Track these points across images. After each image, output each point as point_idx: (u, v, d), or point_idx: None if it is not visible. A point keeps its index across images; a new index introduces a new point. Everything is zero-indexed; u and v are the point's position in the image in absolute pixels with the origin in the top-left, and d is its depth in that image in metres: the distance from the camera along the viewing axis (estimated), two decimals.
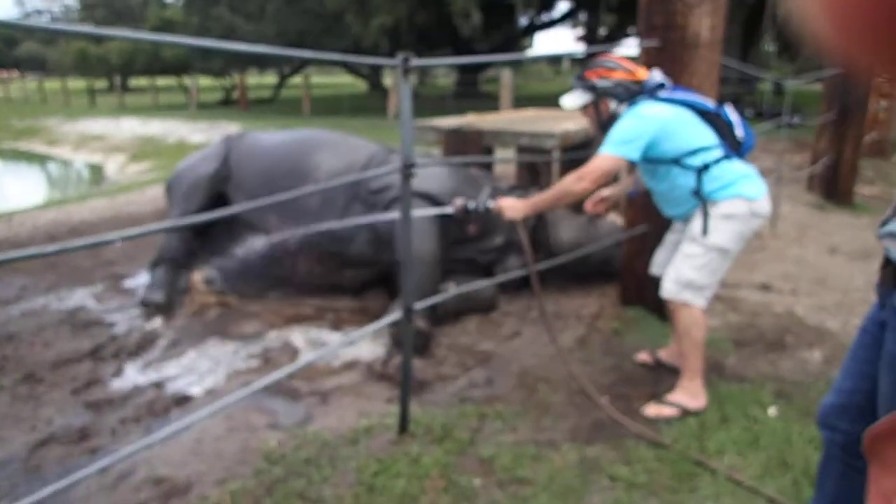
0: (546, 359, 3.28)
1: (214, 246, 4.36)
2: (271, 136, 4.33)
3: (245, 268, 4.15)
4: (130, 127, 19.02)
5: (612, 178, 2.81)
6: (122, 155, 16.36)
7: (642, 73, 2.71)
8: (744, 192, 2.57)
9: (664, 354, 3.21)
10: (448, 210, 2.82)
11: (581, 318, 3.80)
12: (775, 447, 2.44)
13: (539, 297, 2.88)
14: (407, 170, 2.08)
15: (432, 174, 3.83)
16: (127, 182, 12.11)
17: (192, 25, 22.49)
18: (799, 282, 4.47)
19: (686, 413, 2.69)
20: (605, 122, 2.78)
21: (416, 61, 2.00)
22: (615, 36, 25.29)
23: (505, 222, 2.85)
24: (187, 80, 27.01)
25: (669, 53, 3.36)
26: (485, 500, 2.20)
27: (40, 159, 17.78)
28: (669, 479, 2.29)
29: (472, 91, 22.65)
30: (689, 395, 2.73)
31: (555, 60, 50.36)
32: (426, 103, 18.24)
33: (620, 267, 4.03)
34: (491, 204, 2.80)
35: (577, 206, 4.58)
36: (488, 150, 5.29)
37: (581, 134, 5.14)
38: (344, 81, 40.95)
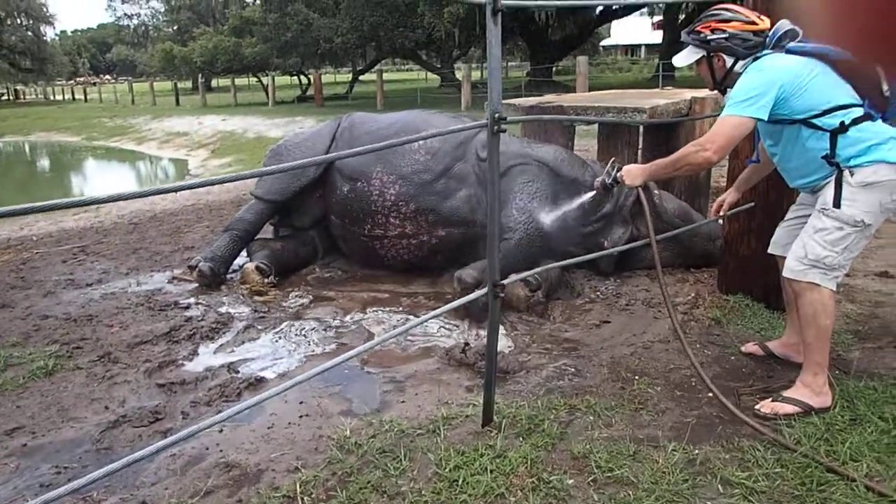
0: (640, 348, 2.99)
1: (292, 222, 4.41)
2: (380, 116, 4.45)
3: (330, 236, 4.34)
4: (212, 124, 19.65)
5: (736, 145, 2.51)
6: (204, 150, 16.90)
7: (765, 23, 2.37)
8: (887, 156, 2.20)
9: (776, 346, 2.86)
10: (591, 194, 2.70)
11: (676, 306, 3.47)
12: None
13: (658, 268, 2.60)
14: (497, 123, 1.85)
15: (543, 145, 4.06)
16: (209, 175, 12.46)
17: (269, 23, 22.99)
18: None
19: (809, 412, 2.35)
20: (720, 80, 2.49)
21: (505, 3, 1.77)
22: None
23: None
24: (265, 79, 27.71)
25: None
26: (580, 502, 1.95)
27: (130, 155, 18.63)
28: (796, 487, 1.98)
29: (545, 82, 22.10)
30: (813, 391, 2.38)
31: (631, 51, 48.97)
32: None
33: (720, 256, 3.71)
34: (616, 174, 2.61)
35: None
36: (570, 129, 5.00)
37: (670, 109, 4.78)
38: (416, 77, 41.09)
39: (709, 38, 2.42)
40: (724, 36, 2.39)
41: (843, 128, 2.24)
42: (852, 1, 0.40)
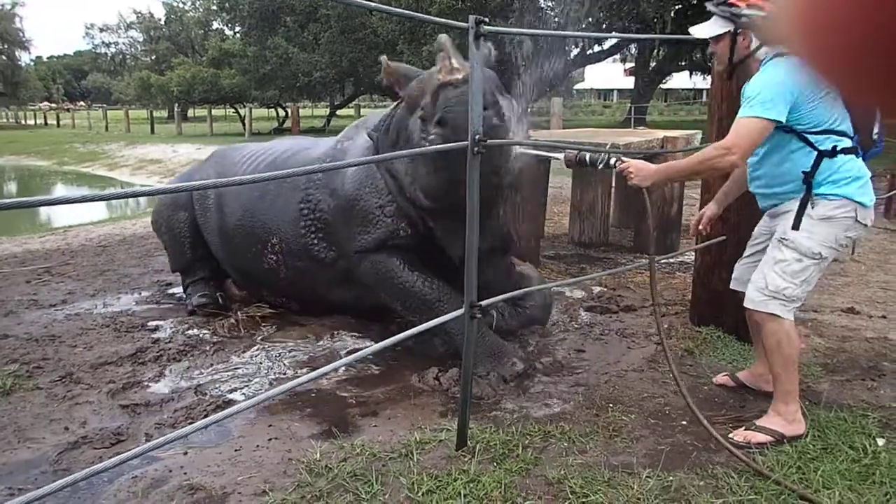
0: (614, 377, 2.99)
1: None
2: (255, 144, 4.06)
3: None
4: (187, 152, 19.51)
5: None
6: None
7: None
8: (854, 194, 2.24)
9: (746, 376, 2.88)
10: (558, 156, 2.45)
11: (649, 336, 3.49)
12: (895, 482, 2.10)
13: (653, 286, 2.52)
14: (477, 144, 1.87)
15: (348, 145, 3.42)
16: None
17: (249, 56, 23.12)
18: (889, 306, 4.07)
19: (781, 440, 2.36)
20: (737, 62, 2.31)
21: (487, 28, 1.81)
22: (666, 70, 24.89)
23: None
24: (242, 110, 27.73)
25: None
26: None
27: (100, 181, 18.36)
28: None
29: None
30: (785, 420, 2.39)
31: (604, 95, 50.34)
32: None
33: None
34: (615, 162, 2.35)
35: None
36: (546, 164, 5.07)
37: (644, 146, 4.89)
38: None
39: (743, 12, 2.20)
40: (761, 14, 2.17)
41: (833, 152, 2.22)
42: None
